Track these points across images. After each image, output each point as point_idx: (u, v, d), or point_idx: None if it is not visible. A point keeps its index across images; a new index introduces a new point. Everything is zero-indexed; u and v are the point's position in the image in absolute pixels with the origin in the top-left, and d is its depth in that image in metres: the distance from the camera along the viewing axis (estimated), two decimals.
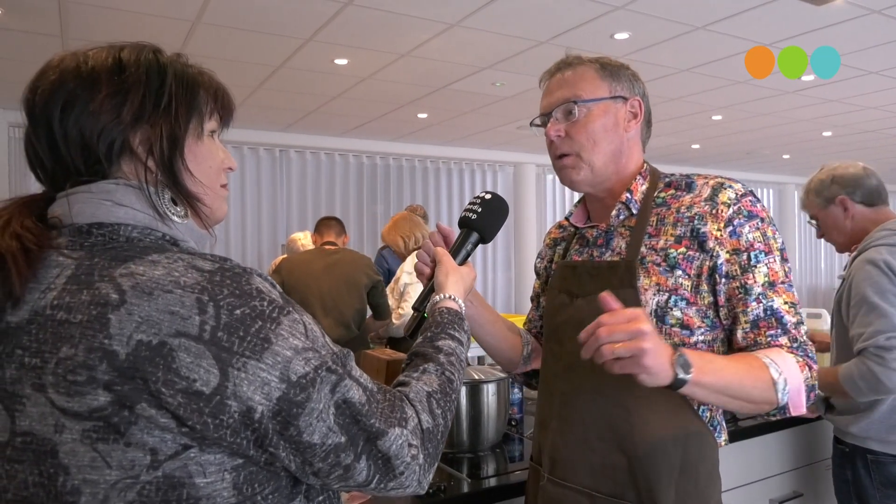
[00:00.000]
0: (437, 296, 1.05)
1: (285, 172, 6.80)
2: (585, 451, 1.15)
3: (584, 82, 1.17)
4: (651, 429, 1.09)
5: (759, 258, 1.08)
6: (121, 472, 0.65)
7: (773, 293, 1.08)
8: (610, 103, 1.17)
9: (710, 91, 4.96)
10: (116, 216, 0.73)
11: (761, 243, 1.09)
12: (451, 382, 0.88)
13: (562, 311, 1.22)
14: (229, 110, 0.85)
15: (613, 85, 1.18)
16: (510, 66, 4.30)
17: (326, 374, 0.71)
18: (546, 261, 1.40)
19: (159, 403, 0.64)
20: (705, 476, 1.11)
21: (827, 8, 3.35)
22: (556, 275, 1.29)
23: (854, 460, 1.80)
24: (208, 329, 0.66)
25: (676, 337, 1.10)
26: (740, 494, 1.97)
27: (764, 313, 1.07)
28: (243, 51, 3.99)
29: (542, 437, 1.26)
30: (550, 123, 1.18)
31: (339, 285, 3.56)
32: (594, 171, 1.17)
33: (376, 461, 0.74)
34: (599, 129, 1.15)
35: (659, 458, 1.08)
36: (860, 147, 7.44)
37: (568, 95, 1.16)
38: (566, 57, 1.22)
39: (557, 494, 1.19)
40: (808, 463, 2.16)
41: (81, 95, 0.74)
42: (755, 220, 1.10)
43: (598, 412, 1.14)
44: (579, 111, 1.16)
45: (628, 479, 1.10)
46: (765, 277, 1.08)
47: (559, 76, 1.20)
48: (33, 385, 0.66)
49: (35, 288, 0.70)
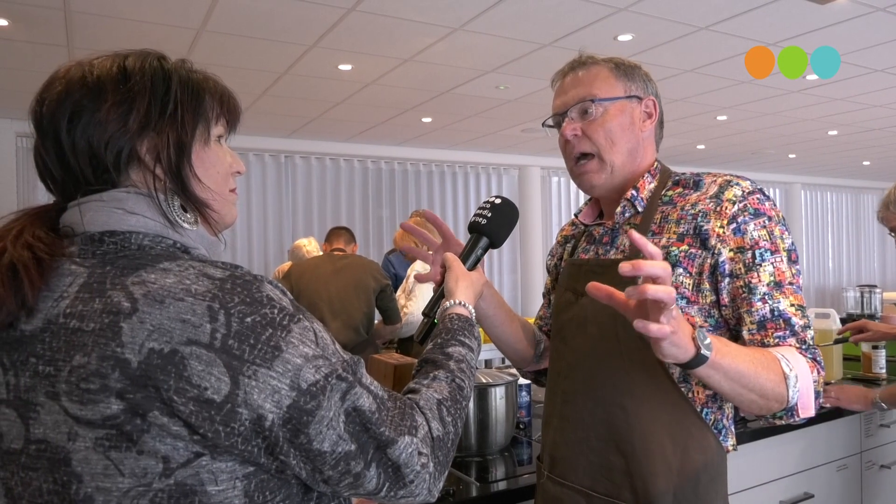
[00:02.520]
0: (448, 302, 1.04)
1: (290, 178, 6.81)
2: (584, 450, 1.14)
3: (599, 81, 1.16)
4: (650, 430, 1.07)
5: (765, 257, 1.05)
6: (133, 480, 0.65)
7: (780, 294, 1.04)
8: (626, 102, 1.16)
9: (714, 91, 4.94)
10: (128, 224, 0.74)
11: (767, 242, 1.06)
12: (461, 389, 0.88)
13: (567, 310, 1.22)
14: (236, 114, 0.85)
15: (628, 84, 1.17)
16: (514, 69, 4.30)
17: (337, 381, 0.71)
18: (556, 258, 1.40)
19: (171, 411, 0.65)
20: (707, 481, 1.08)
21: (831, 6, 3.33)
22: (563, 273, 1.29)
23: None
24: (219, 337, 0.66)
25: None
26: (751, 496, 1.95)
27: (770, 314, 1.04)
28: (248, 58, 4.01)
29: (545, 434, 1.26)
30: (566, 123, 1.16)
31: (348, 289, 3.56)
32: (614, 173, 1.16)
33: (386, 469, 0.74)
34: (617, 128, 1.14)
35: (656, 459, 1.06)
36: (866, 146, 7.40)
37: (584, 94, 1.15)
38: (579, 56, 1.21)
39: (556, 492, 1.19)
40: (819, 464, 2.14)
41: (88, 105, 0.74)
42: (761, 217, 1.07)
43: (597, 411, 1.13)
44: (596, 110, 1.14)
45: (625, 479, 1.09)
46: (770, 277, 1.04)
47: (573, 75, 1.19)
48: (47, 393, 0.67)
49: (48, 296, 0.70)
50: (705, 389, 1.09)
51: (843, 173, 9.94)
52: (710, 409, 1.10)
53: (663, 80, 4.53)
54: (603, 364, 1.12)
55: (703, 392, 1.09)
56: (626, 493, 1.09)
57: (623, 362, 1.10)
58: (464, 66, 4.28)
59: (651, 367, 1.08)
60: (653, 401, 1.08)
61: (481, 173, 7.87)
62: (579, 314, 1.17)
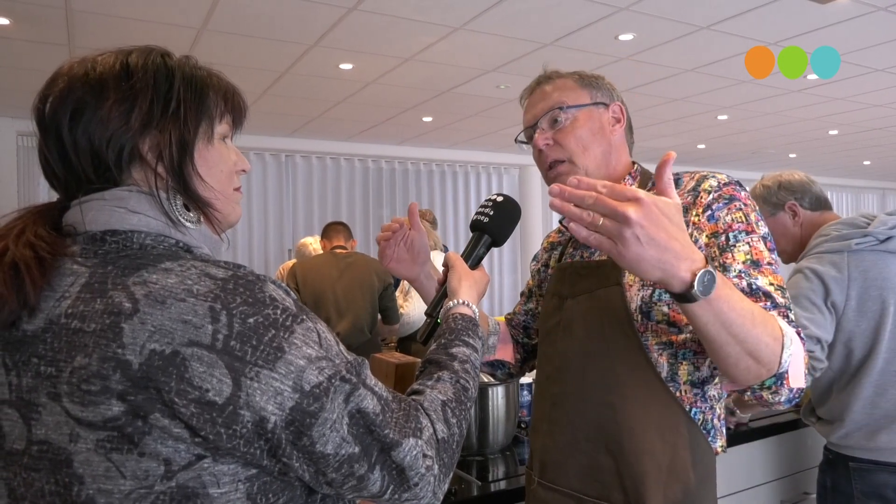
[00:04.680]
0: (451, 301, 1.03)
1: (291, 177, 6.82)
2: (574, 452, 1.14)
3: (565, 91, 1.19)
4: (639, 429, 1.07)
5: (739, 238, 1.03)
6: (135, 483, 0.65)
7: (758, 272, 1.01)
8: (593, 109, 1.19)
9: (715, 91, 4.94)
10: (130, 223, 0.73)
11: (742, 223, 1.04)
12: (465, 391, 0.87)
13: (553, 315, 1.22)
14: (241, 111, 0.84)
15: (594, 92, 1.21)
16: (514, 68, 4.30)
17: (340, 383, 0.70)
18: (541, 264, 1.41)
19: (173, 413, 0.64)
20: (697, 481, 1.07)
21: (831, 6, 3.33)
22: (551, 279, 1.29)
23: (836, 468, 1.73)
24: (221, 338, 0.65)
25: (663, 335, 1.08)
26: (750, 496, 1.95)
27: (748, 289, 0.99)
28: (249, 57, 4.01)
29: (534, 440, 1.25)
30: (538, 134, 1.19)
31: (353, 288, 3.55)
32: (588, 175, 1.16)
33: (390, 472, 0.73)
34: (587, 134, 1.17)
35: (646, 459, 1.06)
36: (867, 145, 7.40)
37: (551, 104, 1.18)
38: (543, 73, 1.25)
39: (547, 498, 1.18)
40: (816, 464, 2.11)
41: (90, 103, 0.73)
42: (736, 202, 1.06)
43: (586, 413, 1.12)
44: (565, 117, 1.17)
45: (615, 480, 1.08)
46: (746, 256, 1.01)
47: (539, 90, 1.23)
48: (49, 394, 0.66)
49: (50, 296, 0.70)
50: (693, 388, 1.09)
51: (844, 173, 9.94)
52: (700, 409, 1.09)
53: (664, 79, 4.53)
54: (591, 365, 1.12)
55: (692, 391, 1.09)
56: (617, 493, 1.08)
57: (611, 362, 1.10)
58: (464, 66, 4.28)
59: (639, 367, 1.08)
60: (642, 400, 1.07)
61: (482, 173, 7.87)
62: (565, 317, 1.18)
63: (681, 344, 1.08)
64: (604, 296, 1.12)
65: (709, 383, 1.11)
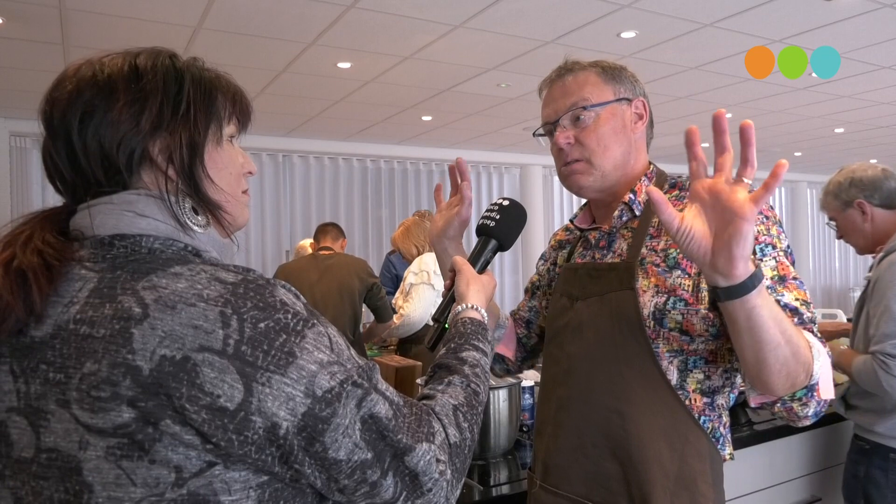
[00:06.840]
0: (459, 306, 1.04)
1: (289, 178, 6.79)
2: (579, 457, 1.12)
3: (588, 87, 1.15)
4: (647, 437, 1.05)
5: (766, 251, 1.02)
6: (145, 490, 0.64)
7: (784, 288, 1.00)
8: (616, 106, 1.16)
9: (718, 89, 4.91)
10: (139, 227, 0.73)
11: (766, 237, 1.03)
12: (476, 395, 0.88)
13: (562, 315, 1.20)
14: (247, 113, 0.85)
15: (617, 87, 1.17)
16: (515, 66, 4.27)
17: (352, 388, 0.70)
18: (549, 262, 1.40)
19: (184, 420, 0.64)
20: (704, 489, 1.06)
21: (837, 2, 3.30)
22: (559, 278, 1.28)
23: (872, 458, 1.81)
24: (232, 343, 0.65)
25: (675, 342, 1.06)
26: (757, 499, 1.94)
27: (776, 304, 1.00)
28: (246, 56, 3.98)
29: (538, 442, 1.24)
30: (559, 131, 1.16)
31: (332, 292, 3.55)
32: (604, 176, 1.15)
33: (403, 478, 0.73)
34: (609, 133, 1.14)
35: (653, 466, 1.04)
36: (873, 143, 7.37)
37: (574, 101, 1.15)
38: (565, 63, 1.20)
39: (549, 502, 1.17)
40: (826, 467, 2.13)
41: (99, 105, 0.73)
42: (759, 215, 1.03)
43: (593, 418, 1.11)
44: (588, 116, 1.14)
45: (622, 487, 1.07)
46: (773, 271, 1.01)
47: (560, 83, 1.18)
48: (58, 401, 0.66)
49: (58, 302, 0.69)
50: (703, 397, 1.08)
51: None
52: (708, 416, 1.08)
53: (667, 77, 4.50)
54: (600, 369, 1.11)
55: (701, 399, 1.08)
56: (623, 501, 1.07)
57: (620, 368, 1.08)
58: (464, 64, 4.24)
59: (649, 373, 1.06)
60: (650, 407, 1.06)
61: (482, 172, 7.84)
62: (575, 319, 1.16)
63: (692, 352, 1.07)
64: (615, 300, 1.10)
65: (719, 392, 1.09)
